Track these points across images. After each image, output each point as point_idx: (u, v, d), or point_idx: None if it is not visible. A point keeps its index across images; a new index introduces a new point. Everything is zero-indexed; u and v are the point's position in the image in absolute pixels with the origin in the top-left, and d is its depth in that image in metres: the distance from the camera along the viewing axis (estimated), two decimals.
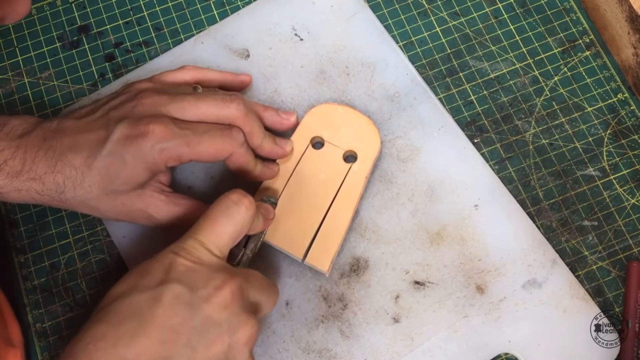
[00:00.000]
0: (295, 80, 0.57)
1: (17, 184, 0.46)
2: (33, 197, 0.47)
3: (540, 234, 0.52)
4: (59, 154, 0.46)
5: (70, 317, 0.52)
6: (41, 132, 0.47)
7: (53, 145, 0.46)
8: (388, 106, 0.56)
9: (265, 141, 0.50)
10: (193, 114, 0.47)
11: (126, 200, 0.47)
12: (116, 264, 0.53)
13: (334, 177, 0.52)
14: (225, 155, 0.48)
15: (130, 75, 0.58)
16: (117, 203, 0.47)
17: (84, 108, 0.50)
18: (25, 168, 0.46)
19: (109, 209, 0.48)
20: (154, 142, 0.45)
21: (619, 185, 0.54)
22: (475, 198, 0.53)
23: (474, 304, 0.51)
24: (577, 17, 0.59)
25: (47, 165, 0.46)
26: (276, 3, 0.59)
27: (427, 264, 0.52)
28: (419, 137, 0.55)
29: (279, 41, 0.58)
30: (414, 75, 0.57)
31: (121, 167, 0.46)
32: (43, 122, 0.48)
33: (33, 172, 0.46)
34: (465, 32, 0.59)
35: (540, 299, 0.51)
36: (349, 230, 0.52)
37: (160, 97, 0.47)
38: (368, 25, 0.58)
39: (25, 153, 0.46)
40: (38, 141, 0.47)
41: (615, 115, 0.56)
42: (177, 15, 0.60)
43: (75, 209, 0.49)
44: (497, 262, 0.52)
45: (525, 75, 0.57)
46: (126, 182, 0.46)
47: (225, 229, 0.44)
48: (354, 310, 0.51)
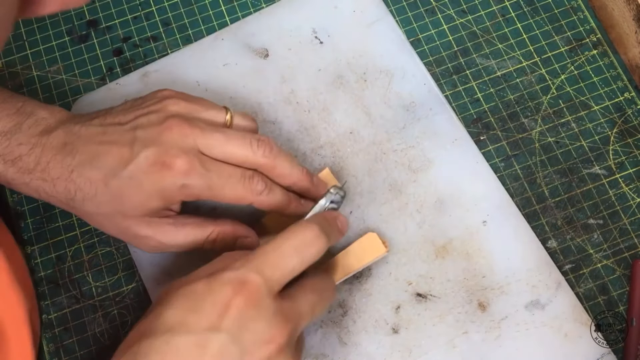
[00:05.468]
0: (312, 83, 0.57)
1: (27, 180, 0.46)
2: (41, 195, 0.47)
3: (547, 255, 0.52)
4: (78, 163, 0.45)
5: (76, 308, 0.52)
6: (63, 134, 0.46)
7: (72, 152, 0.45)
8: (403, 115, 0.56)
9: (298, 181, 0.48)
10: (220, 153, 0.46)
11: (132, 225, 0.46)
12: (122, 256, 0.53)
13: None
14: (244, 202, 0.47)
15: (149, 67, 0.58)
16: (122, 225, 0.47)
17: (111, 113, 0.48)
18: (38, 168, 0.45)
19: (112, 228, 0.48)
20: (177, 177, 0.44)
21: (625, 184, 0.54)
22: (484, 214, 0.53)
23: (475, 321, 0.50)
24: (585, 15, 0.59)
25: (61, 171, 0.45)
26: (299, 5, 0.59)
27: (430, 277, 0.51)
28: (432, 149, 0.55)
29: (298, 43, 0.58)
30: (431, 86, 0.57)
31: (137, 192, 0.45)
32: (67, 121, 0.47)
33: (46, 174, 0.45)
34: (472, 29, 0.59)
35: (542, 321, 0.50)
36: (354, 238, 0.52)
37: (191, 129, 0.45)
38: (389, 32, 0.58)
39: (42, 153, 0.45)
40: (58, 143, 0.46)
41: (621, 114, 0.56)
42: (185, 10, 0.60)
43: (82, 217, 0.49)
44: (502, 280, 0.51)
45: (532, 73, 0.57)
46: (137, 208, 0.45)
47: (294, 267, 0.42)
48: (354, 318, 0.51)
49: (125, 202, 0.45)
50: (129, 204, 0.45)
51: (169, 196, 0.45)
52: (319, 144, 0.55)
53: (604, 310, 0.51)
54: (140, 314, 0.52)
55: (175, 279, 0.49)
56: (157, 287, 0.52)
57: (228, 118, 0.48)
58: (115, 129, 0.46)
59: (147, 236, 0.47)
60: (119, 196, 0.45)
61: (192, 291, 0.40)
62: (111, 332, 0.51)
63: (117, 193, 0.45)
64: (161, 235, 0.47)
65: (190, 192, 0.45)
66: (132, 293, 0.52)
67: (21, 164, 0.45)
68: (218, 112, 0.48)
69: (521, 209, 0.53)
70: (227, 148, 0.46)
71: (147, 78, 0.57)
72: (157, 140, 0.45)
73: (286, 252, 0.42)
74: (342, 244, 0.51)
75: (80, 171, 0.45)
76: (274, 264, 0.41)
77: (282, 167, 0.47)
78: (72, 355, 0.51)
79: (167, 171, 0.44)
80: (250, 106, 0.56)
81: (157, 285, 0.52)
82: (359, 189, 0.54)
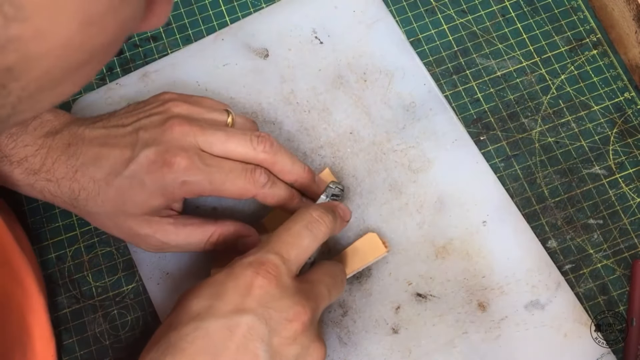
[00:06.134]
0: (312, 83, 0.57)
1: (32, 181, 0.46)
2: (45, 196, 0.47)
3: (546, 255, 0.52)
4: (82, 163, 0.46)
5: (76, 308, 0.52)
6: (67, 135, 0.47)
7: (76, 153, 0.46)
8: (403, 115, 0.56)
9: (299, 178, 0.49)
10: (221, 150, 0.46)
11: (134, 224, 0.47)
12: (122, 256, 0.53)
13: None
14: (247, 195, 0.47)
15: (149, 67, 0.58)
16: (124, 225, 0.47)
17: (114, 116, 0.48)
18: (43, 168, 0.46)
19: (115, 228, 0.48)
20: (178, 174, 0.45)
21: (625, 184, 0.54)
22: (484, 214, 0.53)
23: (475, 321, 0.50)
24: (585, 15, 0.59)
25: (66, 170, 0.46)
26: (299, 5, 0.59)
27: (430, 277, 0.51)
28: (432, 149, 0.55)
29: (299, 43, 0.58)
30: (431, 86, 0.57)
31: (139, 191, 0.45)
32: (72, 124, 0.48)
33: (50, 174, 0.46)
34: (472, 29, 0.59)
35: (542, 321, 0.50)
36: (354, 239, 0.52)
37: (191, 128, 0.46)
38: (389, 32, 0.58)
39: (47, 154, 0.46)
40: (62, 145, 0.46)
41: (621, 114, 0.56)
42: (185, 10, 0.60)
43: (84, 217, 0.49)
44: (501, 280, 0.51)
45: (532, 73, 0.57)
46: (139, 206, 0.46)
47: (309, 246, 0.43)
48: (354, 318, 0.51)
49: (127, 201, 0.46)
50: (130, 202, 0.46)
51: (171, 193, 0.46)
52: (319, 144, 0.55)
53: (604, 310, 0.51)
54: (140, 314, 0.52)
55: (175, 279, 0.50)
56: (157, 287, 0.52)
57: (230, 120, 0.49)
58: (118, 131, 0.47)
59: (148, 235, 0.47)
60: (121, 195, 0.45)
61: (214, 280, 0.42)
62: (111, 332, 0.51)
63: (119, 192, 0.45)
64: (162, 234, 0.47)
65: (192, 188, 0.45)
66: (132, 293, 0.52)
67: (27, 164, 0.46)
68: (220, 115, 0.49)
69: (521, 209, 0.53)
70: (228, 145, 0.46)
71: (147, 78, 0.57)
72: (158, 140, 0.45)
73: (297, 231, 0.43)
74: (342, 245, 0.51)
75: (84, 171, 0.46)
76: (288, 243, 0.43)
77: (283, 163, 0.48)
78: (72, 355, 0.51)
79: (167, 169, 0.45)
80: (250, 106, 0.56)
81: (157, 285, 0.52)
82: (359, 189, 0.54)
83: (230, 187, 0.46)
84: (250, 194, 0.47)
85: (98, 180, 0.45)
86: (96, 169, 0.46)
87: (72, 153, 0.46)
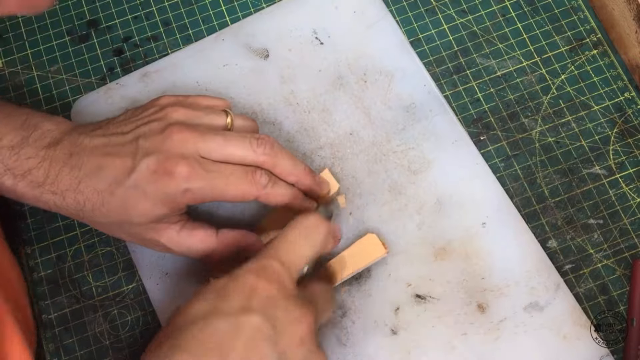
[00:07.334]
0: (312, 84, 0.57)
1: (37, 194, 0.46)
2: (51, 207, 0.47)
3: (546, 257, 0.52)
4: (84, 174, 0.46)
5: (76, 308, 0.52)
6: (68, 145, 0.47)
7: (79, 163, 0.46)
8: (403, 116, 0.56)
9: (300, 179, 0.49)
10: (220, 155, 0.46)
11: (140, 231, 0.47)
12: (122, 256, 0.53)
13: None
14: (250, 197, 0.47)
15: (150, 67, 0.58)
16: (131, 232, 0.47)
17: (113, 123, 0.48)
18: (47, 181, 0.46)
19: (124, 234, 0.48)
20: (179, 182, 0.45)
21: (625, 184, 0.54)
22: (483, 216, 0.53)
23: (474, 322, 0.50)
24: (585, 15, 0.59)
25: (70, 182, 0.46)
26: (299, 5, 0.59)
27: (429, 278, 0.51)
28: (432, 150, 0.55)
29: (299, 43, 0.58)
30: (431, 87, 0.56)
31: (142, 200, 0.45)
32: (72, 132, 0.47)
33: (55, 186, 0.46)
34: (472, 29, 0.59)
35: (541, 323, 0.50)
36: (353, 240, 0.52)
37: (191, 134, 0.46)
38: (389, 33, 0.58)
39: (50, 166, 0.46)
40: (64, 156, 0.46)
41: (621, 114, 0.56)
42: (185, 10, 0.60)
43: (93, 226, 0.49)
44: (501, 282, 0.51)
45: (532, 73, 0.57)
46: (143, 215, 0.46)
47: (305, 252, 0.44)
48: (353, 319, 0.51)
49: (131, 210, 0.46)
50: (134, 212, 0.46)
51: (174, 202, 0.46)
52: (318, 144, 0.55)
53: (604, 310, 0.51)
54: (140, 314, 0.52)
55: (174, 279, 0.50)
56: (157, 287, 0.52)
57: (229, 121, 0.49)
58: (118, 139, 0.47)
59: (154, 240, 0.48)
60: (124, 205, 0.46)
61: (217, 284, 0.42)
62: (111, 332, 0.52)
63: (123, 202, 0.45)
64: (166, 240, 0.48)
65: (194, 195, 0.45)
66: (132, 293, 0.52)
67: (31, 177, 0.46)
68: (218, 116, 0.49)
69: (521, 209, 0.53)
70: (227, 149, 0.46)
71: (148, 78, 0.57)
72: (158, 148, 0.45)
73: (295, 238, 0.44)
74: (342, 245, 0.51)
75: (87, 182, 0.46)
76: (286, 249, 0.44)
77: (283, 164, 0.48)
78: (72, 355, 0.51)
79: (168, 178, 0.45)
80: (250, 107, 0.56)
81: (157, 285, 0.52)
82: (358, 190, 0.54)
83: (233, 191, 0.46)
84: (253, 196, 0.47)
85: (101, 191, 0.45)
86: (99, 179, 0.45)
87: (74, 164, 0.46)
